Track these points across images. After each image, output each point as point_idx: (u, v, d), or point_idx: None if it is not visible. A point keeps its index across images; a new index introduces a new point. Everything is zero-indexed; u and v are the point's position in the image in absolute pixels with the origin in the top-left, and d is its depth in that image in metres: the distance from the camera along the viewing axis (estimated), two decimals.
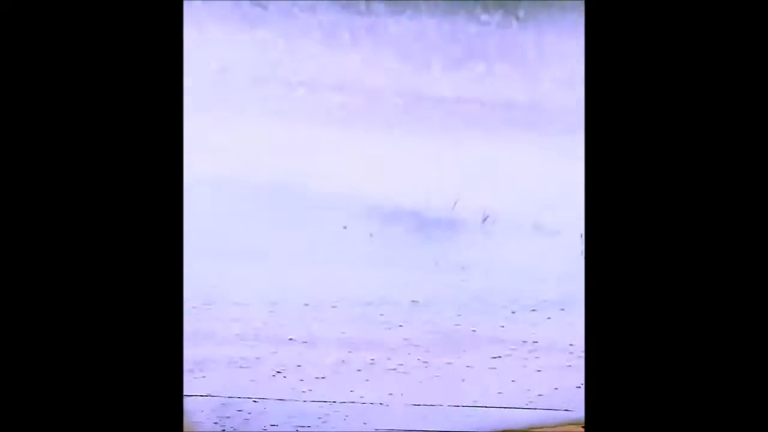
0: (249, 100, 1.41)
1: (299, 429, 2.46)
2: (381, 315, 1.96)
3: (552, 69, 1.38)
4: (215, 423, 2.42)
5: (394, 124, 1.46)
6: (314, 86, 1.38)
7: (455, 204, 1.58)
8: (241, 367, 2.14)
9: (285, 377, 2.20)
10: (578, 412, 2.46)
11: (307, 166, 1.53)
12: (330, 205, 1.61)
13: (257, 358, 2.11)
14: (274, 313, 1.92)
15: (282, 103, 1.41)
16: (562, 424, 2.52)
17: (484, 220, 1.66)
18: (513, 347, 2.11)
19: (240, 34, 1.31)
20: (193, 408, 2.35)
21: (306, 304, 1.90)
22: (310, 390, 2.26)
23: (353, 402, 2.35)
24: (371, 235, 1.66)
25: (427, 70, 1.37)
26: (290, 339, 2.02)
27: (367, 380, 2.22)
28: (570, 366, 2.22)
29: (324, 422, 2.43)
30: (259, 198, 1.60)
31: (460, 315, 1.99)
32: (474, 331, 2.04)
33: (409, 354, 2.11)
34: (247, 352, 2.06)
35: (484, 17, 1.29)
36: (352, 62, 1.35)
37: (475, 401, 2.38)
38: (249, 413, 2.36)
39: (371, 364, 2.15)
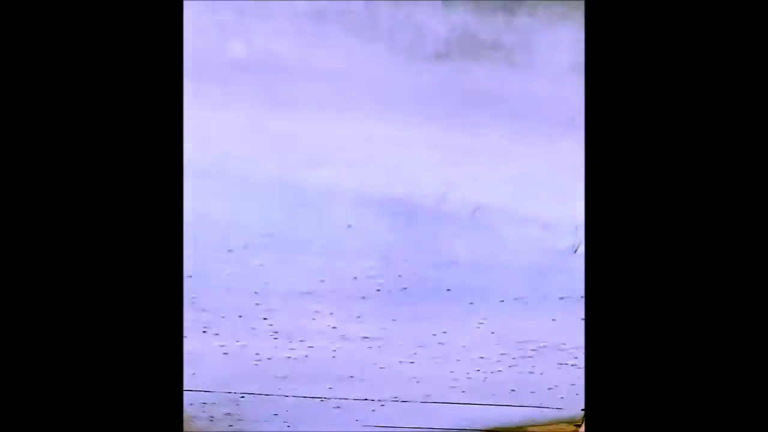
0: (225, 88, 1.40)
1: (287, 425, 2.46)
2: (367, 311, 1.96)
3: (545, 59, 1.38)
4: (207, 418, 2.42)
5: (377, 113, 1.45)
6: (293, 75, 1.37)
7: (446, 191, 1.57)
8: (227, 359, 2.14)
9: (270, 371, 2.20)
10: (570, 410, 2.46)
11: (290, 156, 1.53)
12: (314, 196, 1.61)
13: (243, 351, 2.10)
14: (259, 304, 1.92)
15: (259, 91, 1.40)
16: (553, 423, 2.53)
17: (474, 212, 1.66)
18: (504, 344, 2.11)
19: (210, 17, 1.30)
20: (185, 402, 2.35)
21: (292, 295, 1.90)
22: (296, 386, 2.26)
23: (341, 398, 2.35)
24: (349, 226, 1.66)
25: (414, 59, 1.36)
26: (275, 332, 2.02)
27: (352, 376, 2.22)
28: (562, 364, 2.22)
29: (312, 418, 2.43)
30: (240, 190, 1.60)
31: (448, 311, 1.99)
32: (465, 326, 2.04)
33: (396, 350, 2.11)
34: (233, 345, 2.06)
35: (483, 3, 1.28)
36: (334, 50, 1.34)
37: (467, 399, 2.38)
38: (237, 406, 2.36)
39: (358, 360, 2.15)
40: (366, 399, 2.35)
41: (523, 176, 1.57)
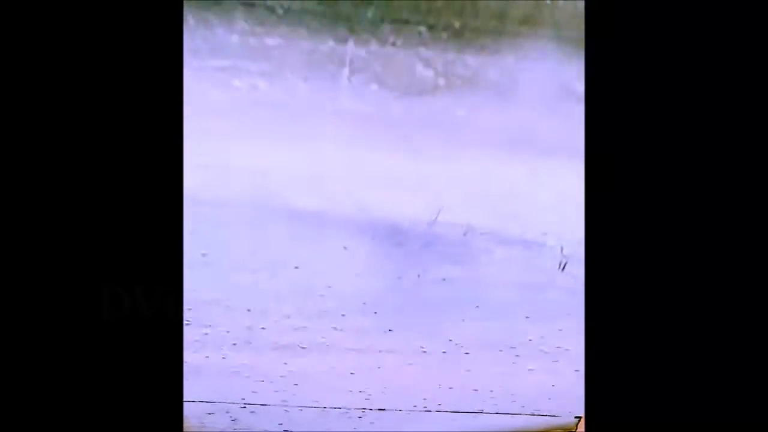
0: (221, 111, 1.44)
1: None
2: (364, 324, 1.99)
3: (529, 91, 1.42)
4: (203, 428, 2.45)
5: (371, 142, 1.50)
6: (285, 105, 1.42)
7: (438, 214, 1.62)
8: (228, 372, 2.17)
9: (270, 383, 2.23)
10: (565, 417, 2.49)
11: (285, 180, 1.57)
12: (307, 218, 1.65)
13: (242, 364, 2.14)
14: (257, 321, 1.96)
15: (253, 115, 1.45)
16: (548, 430, 2.55)
17: (466, 233, 1.70)
18: (499, 353, 2.14)
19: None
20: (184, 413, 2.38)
21: (289, 315, 1.94)
22: (295, 396, 2.30)
23: (338, 408, 2.38)
24: (345, 248, 1.70)
25: (404, 95, 1.41)
26: (274, 347, 2.05)
27: (351, 386, 2.25)
28: (556, 372, 2.24)
29: (310, 428, 2.46)
30: (234, 211, 1.64)
31: (442, 323, 2.03)
32: (459, 338, 2.08)
33: (393, 360, 2.14)
34: (232, 358, 2.10)
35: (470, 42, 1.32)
36: (328, 88, 1.39)
37: (462, 407, 2.40)
38: (235, 419, 2.39)
39: (356, 370, 2.19)
40: (363, 408, 2.38)
41: (510, 199, 1.62)
